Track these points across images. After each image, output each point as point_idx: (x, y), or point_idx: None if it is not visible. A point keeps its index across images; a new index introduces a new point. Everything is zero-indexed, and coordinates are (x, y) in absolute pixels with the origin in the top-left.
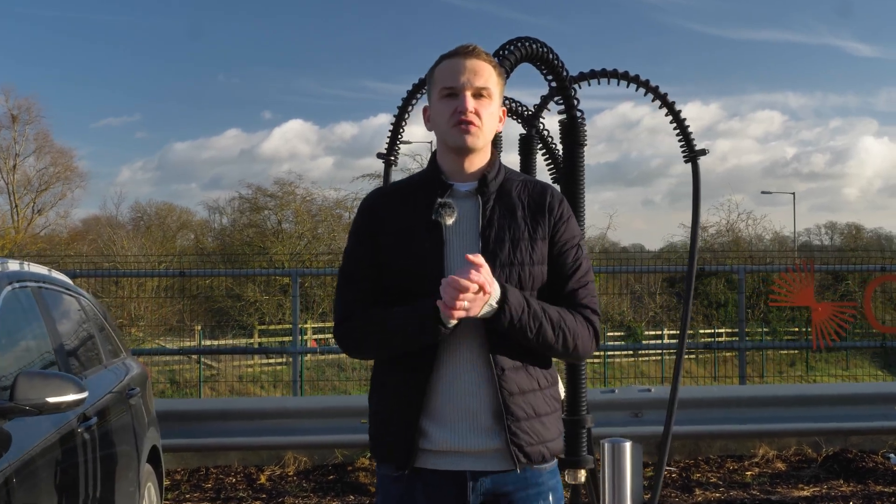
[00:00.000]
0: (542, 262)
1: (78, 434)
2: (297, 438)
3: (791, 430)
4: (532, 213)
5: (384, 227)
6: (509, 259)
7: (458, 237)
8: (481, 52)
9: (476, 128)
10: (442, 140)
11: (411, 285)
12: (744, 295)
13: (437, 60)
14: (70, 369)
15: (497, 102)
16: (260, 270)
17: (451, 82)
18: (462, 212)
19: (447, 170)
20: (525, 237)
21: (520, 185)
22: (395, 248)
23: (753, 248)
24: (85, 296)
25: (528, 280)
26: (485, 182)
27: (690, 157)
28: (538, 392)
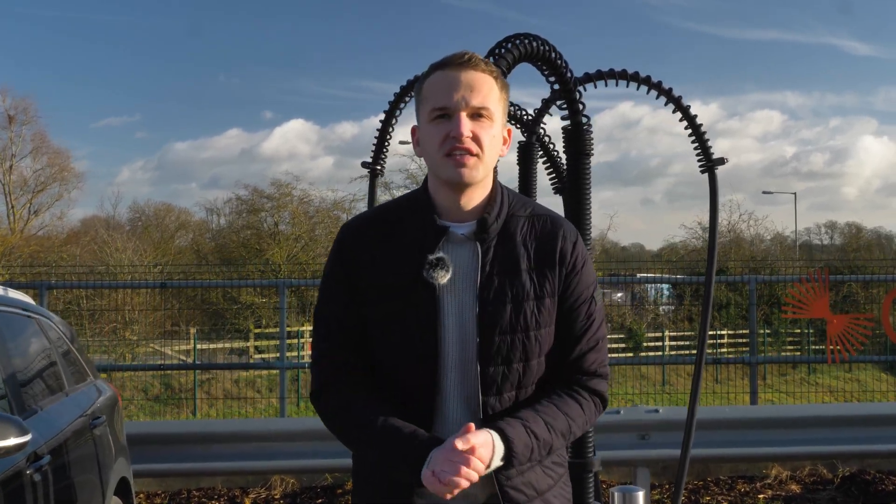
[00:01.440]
0: (549, 323)
1: (26, 476)
2: (283, 463)
3: (806, 453)
4: (539, 264)
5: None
6: (510, 325)
7: (454, 296)
8: (479, 62)
9: (474, 158)
10: (433, 171)
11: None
12: (755, 307)
13: (426, 71)
14: (22, 403)
15: (500, 123)
16: (244, 282)
17: (442, 101)
18: (458, 263)
19: (441, 205)
20: (531, 297)
21: (525, 224)
22: (379, 303)
23: (755, 249)
24: (46, 316)
25: (533, 348)
26: (484, 225)
27: (708, 167)
28: (537, 467)
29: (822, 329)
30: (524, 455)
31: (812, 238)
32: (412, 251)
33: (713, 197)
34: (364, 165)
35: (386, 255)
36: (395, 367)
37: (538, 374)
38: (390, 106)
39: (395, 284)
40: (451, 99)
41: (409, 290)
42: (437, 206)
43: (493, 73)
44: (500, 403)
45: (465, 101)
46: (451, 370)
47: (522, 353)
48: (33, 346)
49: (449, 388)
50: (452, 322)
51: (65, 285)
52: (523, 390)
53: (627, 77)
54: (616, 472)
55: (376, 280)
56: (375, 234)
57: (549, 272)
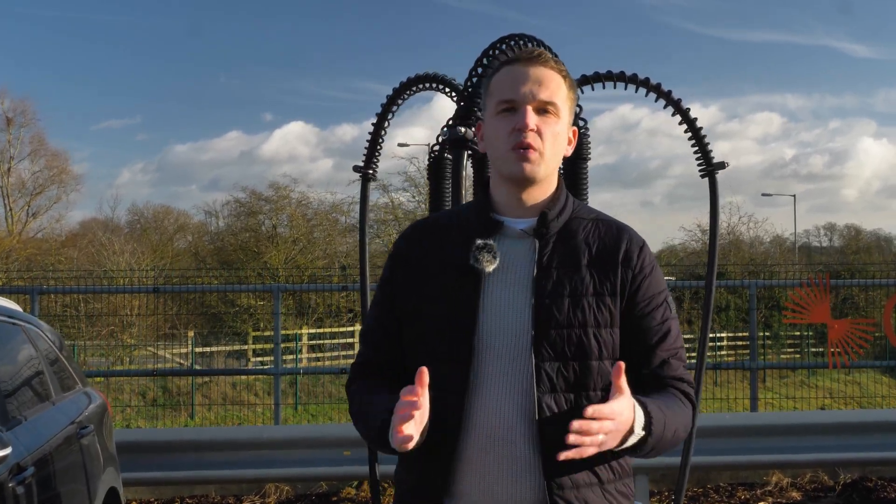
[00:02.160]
0: (609, 324)
1: (9, 489)
2: (277, 471)
3: (807, 460)
4: (601, 262)
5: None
6: (568, 319)
7: (504, 287)
8: (549, 59)
9: (537, 154)
10: (496, 167)
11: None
12: (755, 312)
13: (495, 67)
14: (6, 413)
15: (566, 121)
16: (238, 286)
17: (509, 94)
18: (512, 256)
19: (500, 202)
20: (589, 292)
21: (589, 225)
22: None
23: (754, 251)
24: (34, 323)
25: (590, 345)
26: (544, 220)
27: (708, 172)
28: (597, 487)
29: (822, 332)
30: (659, 427)
31: (811, 240)
32: (462, 244)
33: (713, 201)
34: (356, 169)
35: (436, 252)
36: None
37: (601, 379)
38: (382, 109)
39: (439, 275)
40: (518, 92)
41: (451, 277)
42: (496, 204)
43: (562, 71)
44: (555, 404)
45: (532, 94)
46: (491, 364)
47: (578, 350)
48: (19, 355)
49: (494, 382)
50: (499, 313)
51: (56, 290)
52: (583, 394)
53: (626, 79)
54: None
55: (421, 275)
56: (430, 235)
57: (611, 271)
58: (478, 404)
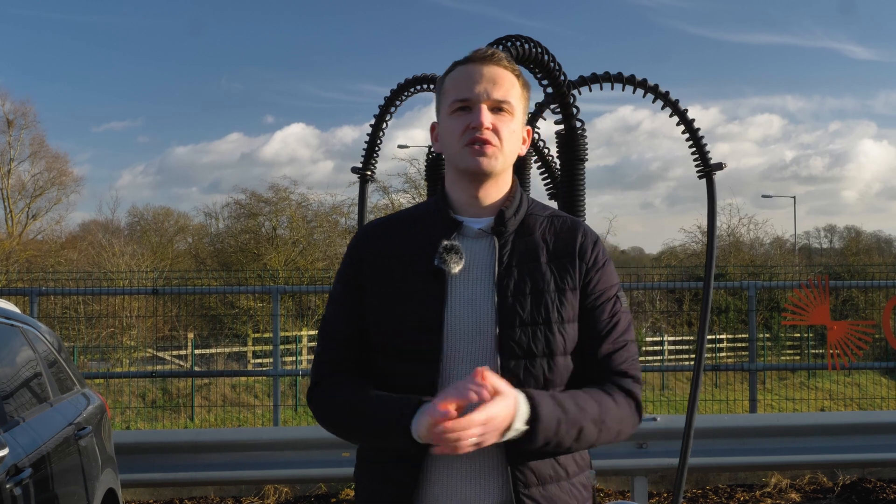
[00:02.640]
0: (572, 318)
1: (6, 491)
2: (276, 472)
3: (806, 461)
4: (559, 257)
5: (374, 271)
6: (532, 317)
7: (466, 287)
8: (502, 58)
9: (493, 147)
10: (452, 163)
11: (401, 342)
12: (755, 314)
13: (448, 67)
14: (4, 415)
15: (520, 119)
16: (237, 288)
17: (464, 93)
18: (473, 255)
19: (457, 201)
20: (551, 288)
21: (545, 221)
22: (385, 300)
23: (754, 253)
24: (32, 325)
25: (557, 341)
26: (502, 219)
27: (705, 173)
28: (564, 482)
29: (821, 333)
30: (550, 424)
31: (811, 242)
32: (423, 244)
33: (711, 202)
34: (354, 171)
35: (398, 252)
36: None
37: (565, 375)
38: (381, 110)
39: (403, 276)
40: (473, 91)
41: (416, 279)
42: (453, 203)
43: (515, 70)
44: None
45: (486, 93)
46: (458, 365)
47: (546, 347)
48: (17, 356)
49: None
50: (464, 314)
51: (55, 292)
52: (550, 390)
53: (623, 80)
54: (614, 481)
55: (384, 276)
56: (389, 234)
57: (570, 265)
58: None
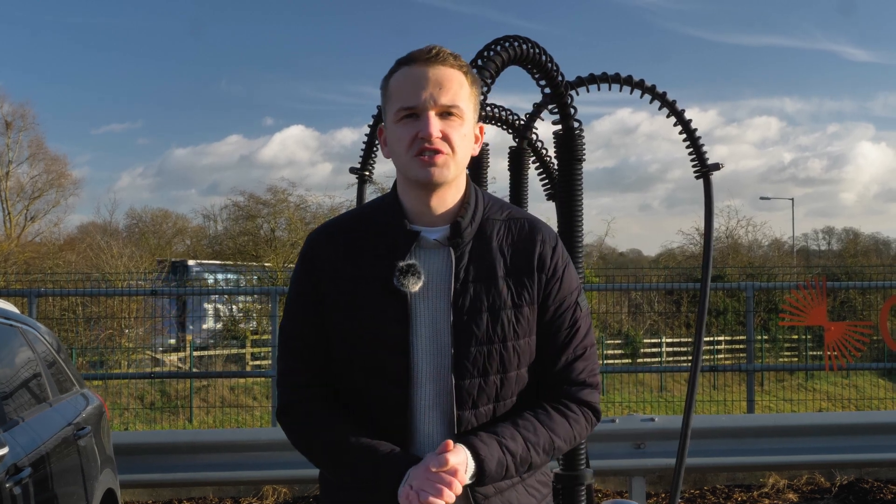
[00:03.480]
0: (528, 333)
1: (6, 490)
2: (274, 472)
3: (803, 461)
4: (517, 270)
5: (331, 282)
6: (487, 335)
7: (427, 303)
8: (447, 56)
9: (444, 156)
10: (402, 172)
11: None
12: (752, 315)
13: (391, 67)
14: (3, 414)
15: (471, 120)
16: (235, 289)
17: (409, 100)
18: (431, 268)
19: (411, 209)
20: (508, 305)
21: (502, 228)
22: (348, 317)
23: (752, 255)
24: (31, 325)
25: (511, 359)
26: (458, 229)
27: (703, 173)
28: (519, 485)
29: (819, 335)
30: (497, 473)
31: (810, 244)
32: (381, 259)
33: (708, 202)
34: (352, 171)
35: (354, 264)
36: (364, 382)
37: (518, 386)
38: (378, 110)
39: (364, 294)
40: (419, 98)
41: (378, 299)
42: (407, 211)
43: (462, 67)
44: (475, 418)
45: (433, 99)
46: (424, 383)
47: (500, 365)
48: (16, 357)
49: (422, 403)
50: (425, 332)
51: (55, 293)
52: (501, 403)
53: (620, 81)
54: (612, 481)
55: (344, 291)
56: (342, 244)
57: (528, 279)
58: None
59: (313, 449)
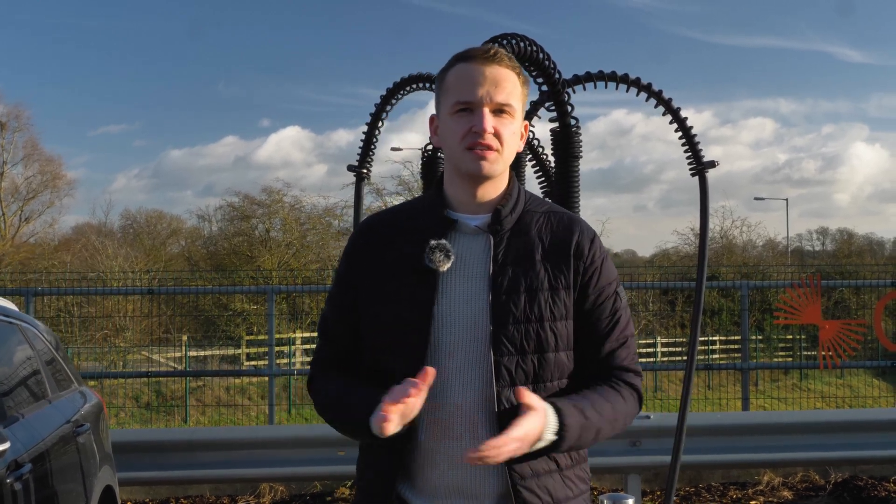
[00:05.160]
0: (564, 316)
1: (6, 485)
2: (271, 470)
3: (798, 459)
4: (554, 256)
5: (369, 270)
6: (525, 315)
7: (461, 283)
8: (504, 58)
9: (495, 153)
10: (452, 163)
11: (393, 340)
12: (747, 312)
13: (449, 62)
14: (3, 411)
15: (520, 120)
16: (232, 288)
17: (466, 96)
18: (467, 253)
19: (454, 198)
20: (545, 287)
21: (542, 218)
22: (377, 298)
23: (746, 255)
24: (30, 323)
25: (548, 339)
26: (498, 217)
27: (698, 171)
28: (556, 473)
29: (814, 335)
30: (574, 433)
31: (804, 244)
32: (416, 243)
33: (703, 200)
34: (350, 169)
35: (394, 248)
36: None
37: (558, 370)
38: (376, 109)
39: (396, 276)
40: (476, 94)
41: (408, 278)
42: (450, 200)
43: (515, 68)
44: (514, 396)
45: (489, 96)
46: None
47: (537, 344)
48: (15, 354)
49: (453, 377)
50: (460, 309)
51: (51, 292)
52: (541, 385)
53: (617, 79)
54: (607, 479)
55: (379, 276)
56: (386, 231)
57: (564, 264)
58: (438, 400)
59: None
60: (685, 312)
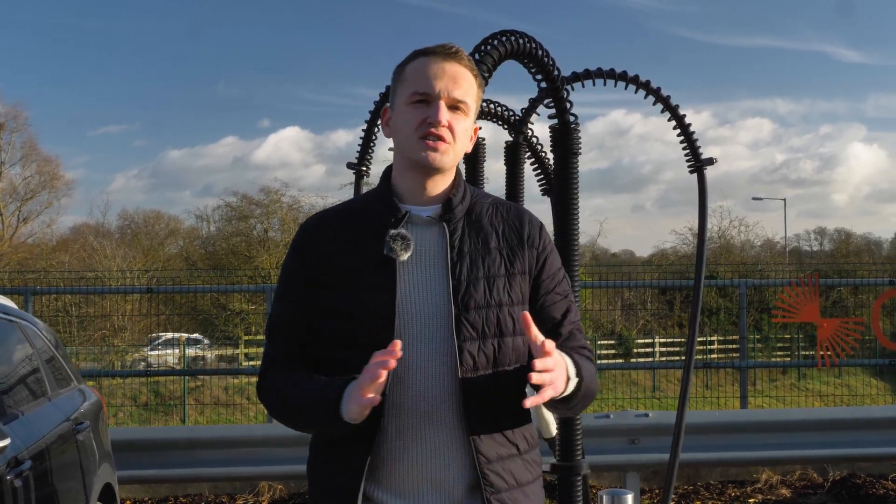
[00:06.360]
0: (522, 301)
1: (6, 482)
2: (270, 469)
3: (796, 457)
4: (508, 243)
5: (322, 265)
6: (485, 300)
7: (419, 272)
8: (464, 56)
9: (447, 145)
10: (403, 153)
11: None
12: (745, 311)
13: (409, 55)
14: (3, 408)
15: (473, 119)
16: (231, 286)
17: (424, 87)
18: (423, 243)
19: (403, 190)
20: (501, 273)
21: (490, 208)
22: (335, 291)
23: (744, 255)
24: (30, 321)
25: (506, 323)
26: (450, 206)
27: (696, 167)
28: (517, 458)
29: (811, 335)
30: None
31: (802, 244)
32: (371, 234)
33: (702, 197)
34: (349, 166)
35: (345, 242)
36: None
37: (515, 354)
38: (375, 106)
39: (354, 269)
40: (434, 87)
41: (367, 270)
42: (399, 193)
43: (473, 70)
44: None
45: (446, 90)
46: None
47: (497, 329)
48: (15, 351)
49: (416, 365)
50: (420, 298)
51: (50, 291)
52: (501, 370)
53: (615, 76)
54: (606, 476)
55: (335, 270)
56: (334, 226)
57: (519, 251)
58: (402, 389)
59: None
60: (683, 312)
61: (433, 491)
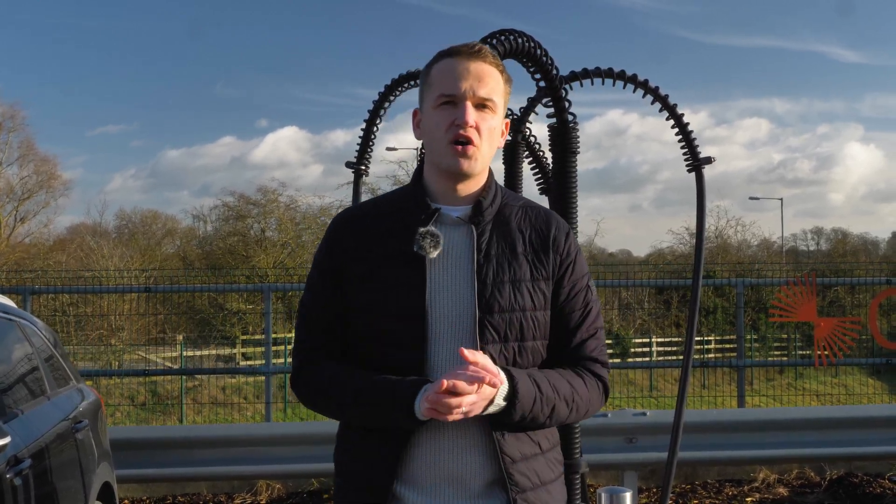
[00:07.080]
0: (544, 307)
1: (6, 480)
2: (268, 468)
3: (793, 456)
4: (535, 248)
5: (353, 259)
6: (510, 304)
7: (445, 271)
8: (488, 54)
9: (475, 148)
10: (433, 157)
11: (385, 327)
12: (742, 310)
13: (434, 57)
14: (3, 406)
15: (501, 116)
16: (229, 286)
17: (449, 88)
18: (451, 243)
19: (434, 190)
20: (527, 277)
21: (520, 212)
22: (365, 286)
23: (741, 255)
24: (29, 320)
25: (530, 329)
26: (479, 208)
27: (695, 166)
28: (540, 456)
29: (808, 334)
30: (527, 401)
31: (799, 244)
32: (402, 231)
33: (700, 196)
34: (348, 165)
35: (376, 239)
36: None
37: (534, 358)
38: (374, 106)
39: (384, 265)
40: (459, 88)
41: (397, 267)
42: (431, 191)
43: (499, 66)
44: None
45: (472, 90)
46: (441, 349)
47: (519, 333)
48: (14, 350)
49: (443, 365)
50: (446, 299)
51: (48, 290)
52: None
53: (613, 75)
54: (603, 475)
55: (365, 265)
56: (366, 222)
57: (544, 257)
58: None
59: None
60: (680, 312)
61: (452, 486)
